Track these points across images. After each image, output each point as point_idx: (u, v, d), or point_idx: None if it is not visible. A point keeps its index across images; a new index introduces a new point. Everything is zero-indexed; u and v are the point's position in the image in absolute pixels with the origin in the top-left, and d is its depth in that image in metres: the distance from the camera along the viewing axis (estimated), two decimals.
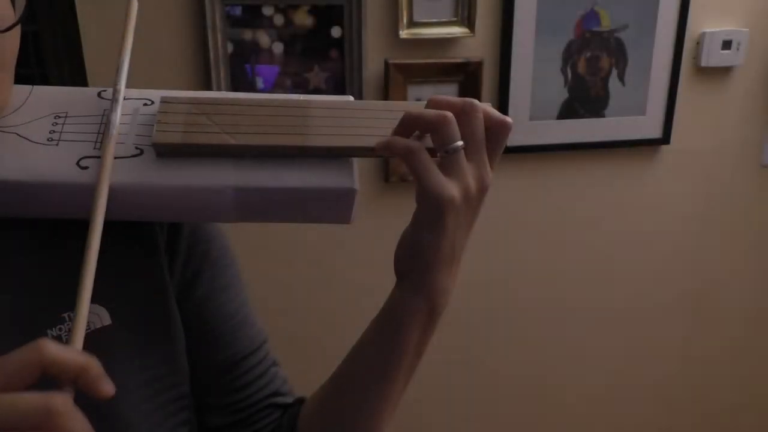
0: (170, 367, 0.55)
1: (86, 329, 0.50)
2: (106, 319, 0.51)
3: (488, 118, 0.50)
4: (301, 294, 1.50)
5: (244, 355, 0.61)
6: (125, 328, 0.52)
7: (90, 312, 0.50)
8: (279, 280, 1.48)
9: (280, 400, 0.63)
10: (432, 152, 0.49)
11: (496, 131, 0.51)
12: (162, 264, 0.55)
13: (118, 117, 0.50)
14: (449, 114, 0.48)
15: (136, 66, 1.33)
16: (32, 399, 0.34)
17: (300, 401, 0.65)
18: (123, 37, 0.53)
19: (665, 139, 1.56)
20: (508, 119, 0.51)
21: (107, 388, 0.38)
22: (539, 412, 1.76)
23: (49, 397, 0.34)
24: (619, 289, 1.70)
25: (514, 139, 1.47)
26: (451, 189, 0.47)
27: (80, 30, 1.24)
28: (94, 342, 0.50)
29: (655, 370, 1.80)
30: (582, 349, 1.73)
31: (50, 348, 0.36)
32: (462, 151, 0.48)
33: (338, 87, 1.35)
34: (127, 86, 0.54)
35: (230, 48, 1.29)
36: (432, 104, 0.51)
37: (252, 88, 1.32)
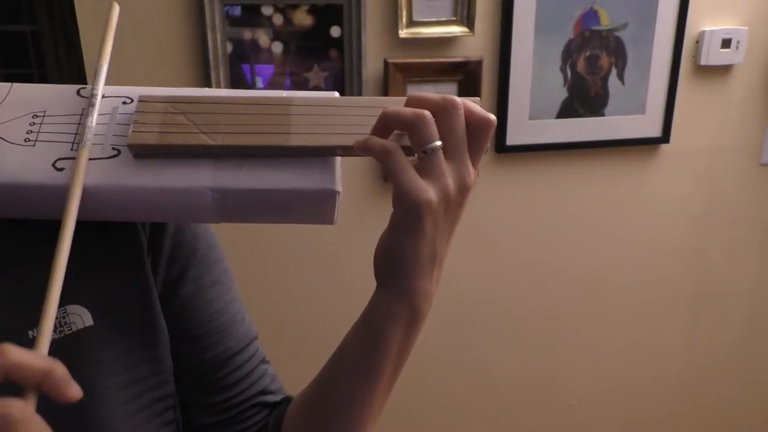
0: (154, 367, 0.55)
1: (68, 330, 0.50)
2: (88, 320, 0.51)
3: (470, 115, 0.48)
4: (299, 295, 1.50)
5: (232, 353, 0.60)
6: (108, 329, 0.52)
7: (72, 313, 0.50)
8: (276, 281, 1.48)
9: (268, 398, 0.63)
10: (411, 152, 0.48)
11: (478, 128, 0.48)
12: (145, 263, 0.55)
13: (94, 122, 0.49)
14: (426, 113, 0.46)
15: (135, 65, 1.34)
16: None
17: (288, 400, 0.64)
18: (102, 41, 0.53)
19: (665, 138, 1.56)
20: (491, 116, 0.49)
21: (73, 391, 0.37)
22: (541, 412, 1.76)
23: (6, 405, 0.34)
24: (619, 289, 1.70)
25: (514, 139, 1.47)
26: (428, 192, 0.45)
27: (80, 30, 1.24)
28: (76, 343, 0.50)
29: (655, 370, 1.80)
30: (582, 349, 1.73)
31: (12, 352, 0.35)
32: (440, 152, 0.46)
33: (338, 86, 1.35)
34: (126, 85, 0.53)
35: (229, 48, 1.29)
36: (411, 102, 0.49)
37: (251, 87, 1.32)
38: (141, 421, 0.54)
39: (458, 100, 0.48)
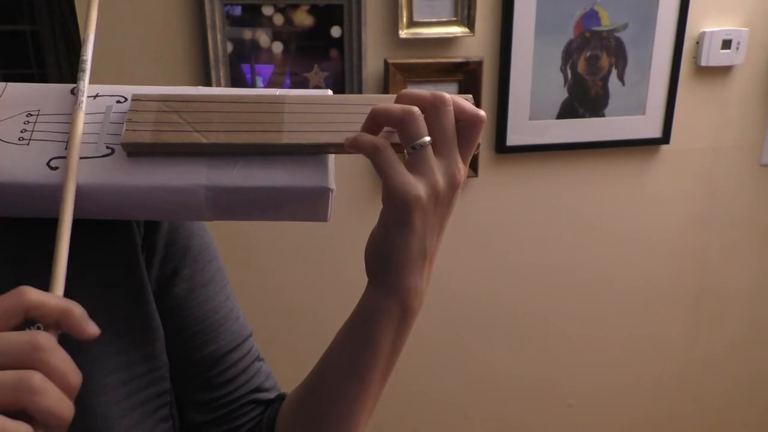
0: (150, 364, 0.55)
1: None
2: None
3: (460, 112, 0.48)
4: (296, 293, 1.50)
5: (227, 351, 0.60)
6: (103, 327, 0.52)
7: None
8: (273, 279, 1.48)
9: (262, 395, 0.63)
10: (401, 149, 0.48)
11: (468, 125, 0.49)
12: (139, 262, 0.55)
13: (86, 84, 0.50)
14: (415, 109, 0.47)
15: (135, 65, 1.34)
16: (16, 336, 0.35)
17: (282, 397, 0.64)
18: (88, 10, 0.53)
19: (665, 138, 1.56)
20: (481, 112, 0.49)
21: (91, 328, 0.39)
22: (541, 412, 1.76)
23: (32, 333, 0.36)
24: (619, 289, 1.70)
25: (514, 139, 1.47)
26: (417, 187, 0.46)
27: (80, 30, 1.24)
28: (71, 340, 0.50)
29: (655, 370, 1.80)
30: (582, 349, 1.73)
31: (32, 293, 0.37)
32: (429, 148, 0.47)
33: (338, 86, 1.36)
34: (126, 85, 0.53)
35: (230, 47, 1.29)
36: (401, 99, 0.49)
37: (251, 87, 1.32)
38: (138, 418, 0.54)
39: (447, 96, 0.48)
